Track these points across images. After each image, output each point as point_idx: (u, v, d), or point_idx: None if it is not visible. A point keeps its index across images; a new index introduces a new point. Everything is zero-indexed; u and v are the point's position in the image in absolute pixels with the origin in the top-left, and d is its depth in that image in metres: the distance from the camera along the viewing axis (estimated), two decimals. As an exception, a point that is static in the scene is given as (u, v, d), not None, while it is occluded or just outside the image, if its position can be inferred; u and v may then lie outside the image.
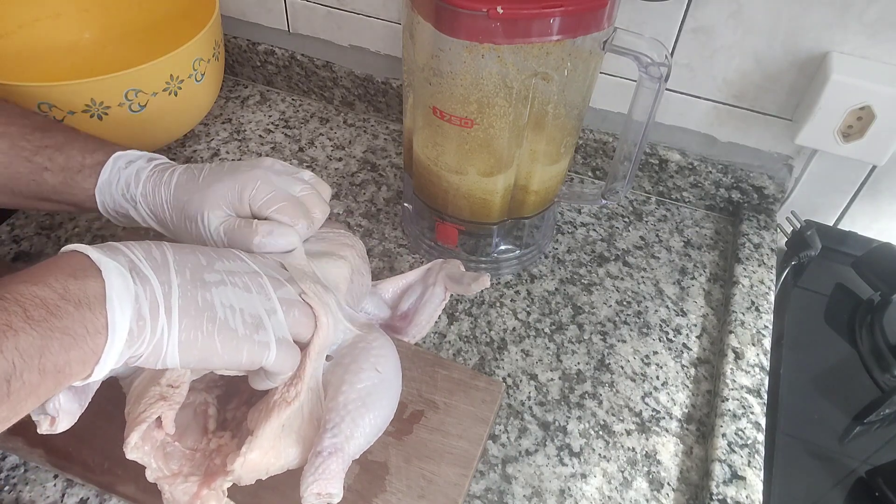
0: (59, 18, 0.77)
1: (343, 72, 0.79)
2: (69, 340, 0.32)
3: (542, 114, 0.51)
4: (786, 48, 0.59)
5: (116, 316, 0.33)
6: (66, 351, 0.32)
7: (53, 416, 0.37)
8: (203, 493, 0.41)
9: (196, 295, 0.36)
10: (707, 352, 0.60)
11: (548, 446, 0.52)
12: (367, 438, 0.44)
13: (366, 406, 0.44)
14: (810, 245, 0.65)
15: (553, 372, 0.57)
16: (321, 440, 0.42)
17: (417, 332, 0.55)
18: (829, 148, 0.60)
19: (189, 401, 0.47)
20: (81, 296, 0.32)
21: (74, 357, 0.32)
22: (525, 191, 0.58)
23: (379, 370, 0.46)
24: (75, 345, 0.32)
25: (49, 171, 0.48)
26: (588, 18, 0.45)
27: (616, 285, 0.64)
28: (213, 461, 0.44)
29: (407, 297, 0.57)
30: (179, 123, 0.71)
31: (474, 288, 0.55)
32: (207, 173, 0.47)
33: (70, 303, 0.32)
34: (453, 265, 0.58)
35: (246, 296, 0.39)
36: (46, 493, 0.48)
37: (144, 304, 0.34)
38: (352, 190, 0.72)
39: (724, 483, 0.49)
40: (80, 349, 0.32)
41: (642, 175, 0.72)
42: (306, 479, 0.40)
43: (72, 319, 0.32)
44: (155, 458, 0.42)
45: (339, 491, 0.41)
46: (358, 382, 0.44)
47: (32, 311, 0.31)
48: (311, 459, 0.41)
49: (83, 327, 0.32)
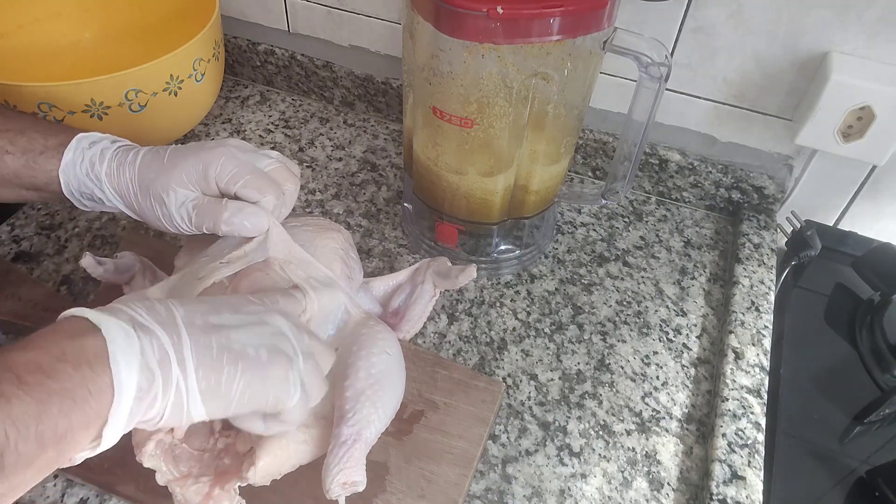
0: (59, 18, 0.77)
1: (343, 72, 0.79)
2: (69, 404, 0.29)
3: (542, 114, 0.51)
4: (786, 48, 0.59)
5: (122, 372, 0.30)
6: (66, 416, 0.29)
7: None
8: (215, 493, 0.42)
9: (210, 341, 0.34)
10: (707, 352, 0.60)
11: (548, 446, 0.52)
12: (383, 422, 0.44)
13: (382, 388, 0.44)
14: (810, 245, 0.65)
15: (553, 372, 0.57)
16: (341, 430, 0.42)
17: (410, 327, 0.56)
18: (829, 148, 0.60)
19: None
20: (80, 355, 0.30)
21: (77, 422, 0.29)
22: (525, 191, 0.58)
23: (389, 353, 0.46)
24: (76, 408, 0.29)
25: (10, 154, 0.47)
26: (588, 18, 0.45)
27: (616, 285, 0.64)
28: (221, 460, 0.44)
29: (397, 295, 0.58)
30: (179, 123, 0.71)
31: (461, 280, 0.55)
32: (172, 153, 0.46)
33: (68, 364, 0.30)
34: (440, 262, 0.59)
35: (269, 335, 0.36)
36: (46, 493, 0.48)
37: (152, 357, 0.32)
38: (352, 190, 0.72)
39: (724, 483, 0.49)
40: (83, 412, 0.30)
41: (642, 175, 0.72)
42: (331, 470, 0.40)
43: (71, 381, 0.29)
44: (164, 461, 0.43)
45: (363, 478, 0.41)
46: (372, 367, 0.45)
47: (27, 377, 0.29)
48: (332, 450, 0.41)
49: (84, 388, 0.30)
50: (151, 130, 0.67)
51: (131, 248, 0.57)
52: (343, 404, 0.43)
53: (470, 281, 0.56)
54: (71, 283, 0.61)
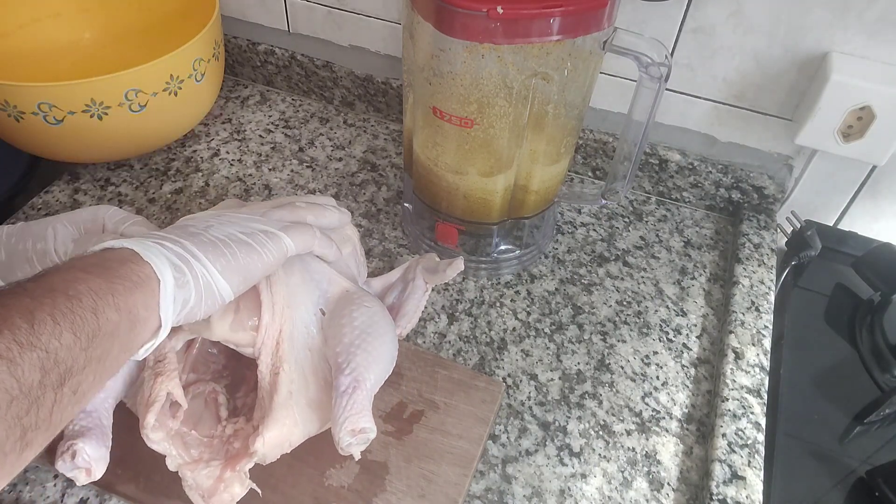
0: (59, 18, 0.77)
1: (343, 72, 0.79)
2: (130, 284, 0.35)
3: (542, 114, 0.51)
4: (786, 48, 0.59)
5: (158, 264, 0.37)
6: (130, 293, 0.35)
7: (87, 468, 0.40)
8: (226, 476, 0.42)
9: (203, 238, 0.40)
10: (707, 352, 0.60)
11: (548, 446, 0.52)
12: (382, 366, 0.45)
13: (370, 335, 0.45)
14: (810, 245, 0.65)
15: (553, 372, 0.57)
16: (339, 381, 0.42)
17: (405, 322, 0.56)
18: (829, 148, 0.60)
19: (199, 391, 0.47)
20: (121, 257, 0.36)
21: (139, 299, 0.35)
22: (525, 191, 0.58)
23: (367, 305, 0.48)
24: (136, 288, 0.35)
25: None
26: (588, 18, 0.45)
27: (616, 285, 0.64)
28: (231, 445, 0.44)
29: (390, 293, 0.58)
30: (179, 123, 0.71)
31: (449, 273, 0.56)
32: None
33: (114, 262, 0.36)
34: (429, 258, 0.60)
35: (236, 222, 0.44)
36: (46, 493, 0.48)
37: (173, 256, 0.38)
38: (352, 190, 0.72)
39: (724, 483, 0.49)
40: (142, 293, 0.35)
41: (642, 175, 0.72)
42: (337, 420, 0.41)
43: (124, 270, 0.35)
44: (174, 445, 0.43)
45: (371, 425, 0.41)
46: (354, 321, 0.46)
47: (89, 268, 0.34)
48: (335, 403, 0.42)
49: (136, 275, 0.35)
50: (151, 130, 0.67)
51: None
52: (336, 359, 0.44)
53: (458, 273, 0.57)
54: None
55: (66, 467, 0.40)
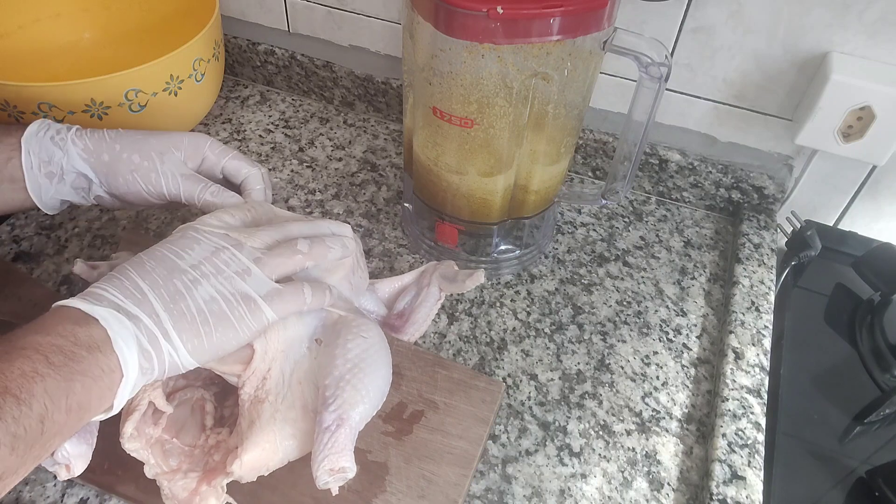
0: (59, 18, 0.77)
1: (343, 72, 0.79)
2: (89, 381, 0.35)
3: (542, 114, 0.51)
4: (786, 48, 0.59)
5: (126, 355, 0.36)
6: (87, 391, 0.35)
7: (66, 464, 0.40)
8: (202, 490, 0.42)
9: (181, 308, 0.39)
10: (707, 352, 0.60)
11: (548, 446, 0.52)
12: (370, 404, 0.44)
13: (362, 371, 0.44)
14: (810, 245, 0.65)
15: (553, 372, 0.57)
16: (322, 417, 0.41)
17: (415, 330, 0.56)
18: (829, 148, 0.60)
19: (186, 398, 0.47)
20: (90, 341, 0.36)
21: (95, 395, 0.35)
22: (525, 191, 0.58)
23: (365, 336, 0.46)
24: (94, 385, 0.35)
25: None
26: (588, 18, 0.45)
27: (616, 285, 0.64)
28: (211, 457, 0.44)
29: (402, 297, 0.58)
30: (179, 123, 0.71)
31: (468, 284, 0.55)
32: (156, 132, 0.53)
33: (82, 348, 0.35)
34: (447, 266, 0.59)
35: (220, 278, 0.41)
36: (46, 493, 0.48)
37: (143, 339, 0.37)
38: (352, 190, 0.72)
39: (724, 483, 0.49)
40: (99, 387, 0.36)
41: (642, 175, 0.72)
42: (316, 457, 0.40)
43: (88, 363, 0.35)
44: (153, 454, 0.43)
45: (351, 464, 0.40)
46: (348, 353, 0.44)
47: (53, 358, 0.34)
48: (317, 438, 0.41)
49: (99, 368, 0.35)
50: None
51: (131, 248, 0.57)
52: (324, 392, 0.43)
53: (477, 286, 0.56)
54: (71, 283, 0.61)
55: (47, 462, 0.40)
